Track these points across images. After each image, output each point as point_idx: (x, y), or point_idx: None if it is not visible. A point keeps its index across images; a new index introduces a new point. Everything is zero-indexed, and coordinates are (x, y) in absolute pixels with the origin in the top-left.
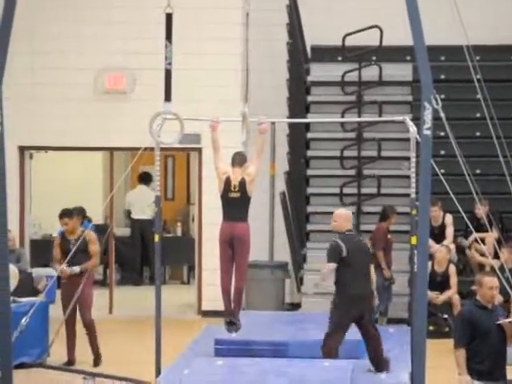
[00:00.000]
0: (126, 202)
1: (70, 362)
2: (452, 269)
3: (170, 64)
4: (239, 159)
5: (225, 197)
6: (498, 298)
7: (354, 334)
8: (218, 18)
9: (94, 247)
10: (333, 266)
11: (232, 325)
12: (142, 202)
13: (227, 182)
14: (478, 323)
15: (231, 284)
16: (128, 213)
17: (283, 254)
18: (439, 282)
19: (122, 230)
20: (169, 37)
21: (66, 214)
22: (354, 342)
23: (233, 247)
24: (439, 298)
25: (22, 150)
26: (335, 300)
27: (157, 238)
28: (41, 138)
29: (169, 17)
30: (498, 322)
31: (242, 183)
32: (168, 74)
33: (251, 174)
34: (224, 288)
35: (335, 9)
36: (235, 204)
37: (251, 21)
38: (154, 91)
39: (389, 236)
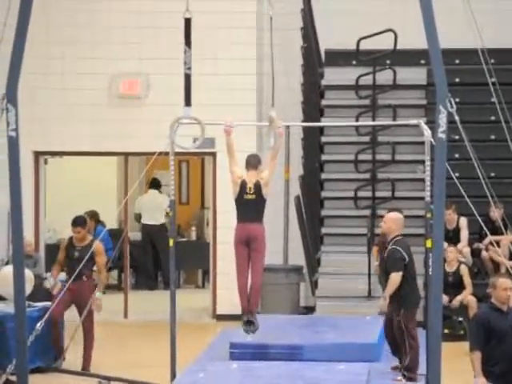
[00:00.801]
0: (136, 206)
1: (85, 366)
2: (464, 269)
3: (189, 69)
4: (253, 162)
5: (240, 199)
6: None
7: (366, 337)
8: (232, 23)
9: (102, 259)
10: (399, 276)
11: (250, 324)
12: (153, 208)
13: (242, 184)
14: (493, 326)
15: (248, 283)
16: (138, 217)
17: (298, 257)
18: (451, 283)
19: (136, 235)
20: (188, 42)
21: (79, 223)
22: (369, 345)
23: (248, 247)
24: (454, 300)
25: (37, 155)
26: (406, 303)
27: (171, 242)
28: (55, 143)
29: (187, 22)
30: None
31: (257, 186)
32: (187, 79)
33: (265, 178)
34: (241, 287)
35: (349, 13)
36: (251, 206)
37: (266, 25)
38: (168, 96)
39: None
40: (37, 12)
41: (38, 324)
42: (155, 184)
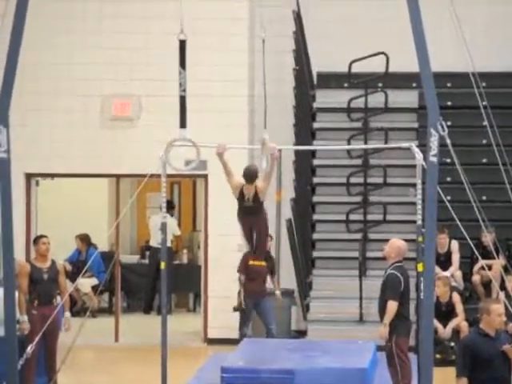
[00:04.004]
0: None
1: None
2: (456, 297)
3: (184, 91)
4: (250, 176)
5: (240, 204)
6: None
7: (358, 362)
8: (225, 44)
9: (64, 279)
10: (395, 305)
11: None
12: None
13: (241, 193)
14: (480, 351)
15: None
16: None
17: (289, 281)
18: (445, 312)
19: (128, 258)
20: (182, 63)
21: (44, 235)
22: (361, 370)
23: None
24: (447, 328)
25: (29, 176)
26: (399, 329)
27: (163, 265)
28: (47, 164)
29: (182, 43)
30: (504, 348)
31: (255, 196)
32: (183, 101)
33: (259, 187)
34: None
35: (341, 35)
36: (250, 209)
37: (258, 47)
38: (160, 118)
39: None
40: (28, 33)
41: (29, 348)
42: (168, 206)
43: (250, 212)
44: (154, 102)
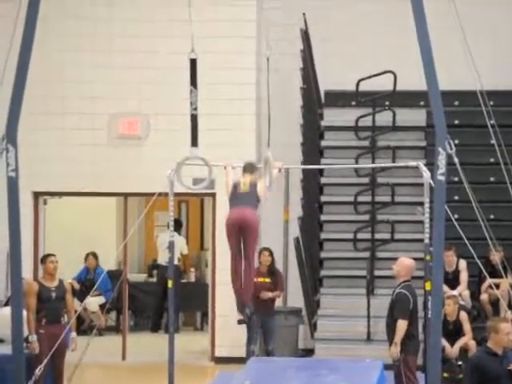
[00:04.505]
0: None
1: None
2: (464, 316)
3: (195, 109)
4: (250, 168)
5: (233, 194)
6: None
7: (365, 380)
8: (232, 63)
9: (71, 298)
10: (405, 324)
11: (242, 322)
12: None
13: (236, 184)
14: (488, 370)
15: (241, 270)
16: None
17: (297, 299)
18: (452, 331)
19: (135, 276)
20: (193, 82)
21: (51, 254)
22: None
23: (241, 233)
24: (454, 347)
25: (37, 195)
26: (408, 348)
27: (170, 283)
28: (55, 183)
29: (193, 62)
30: (510, 368)
31: (253, 183)
32: (194, 119)
33: (260, 186)
34: (235, 271)
35: (349, 53)
36: (244, 197)
37: (265, 65)
38: (168, 136)
39: None
40: (37, 52)
41: (37, 370)
42: (176, 225)
43: (244, 200)
44: (162, 121)
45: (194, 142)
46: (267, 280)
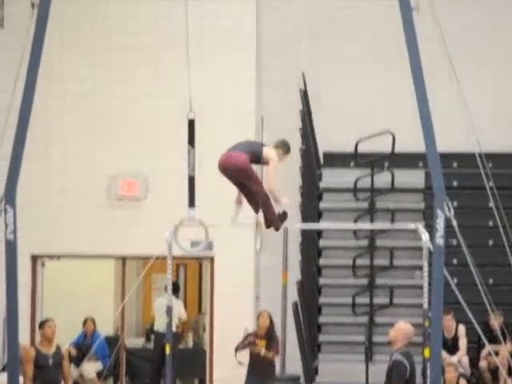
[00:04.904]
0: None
1: None
2: (463, 383)
3: (193, 170)
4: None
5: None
6: None
7: None
8: (231, 124)
9: (68, 364)
10: None
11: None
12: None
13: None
14: None
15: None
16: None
17: (295, 365)
18: None
19: (133, 341)
20: (191, 142)
21: (49, 319)
22: None
23: (236, 178)
24: None
25: (35, 258)
26: None
27: (168, 349)
28: (53, 245)
29: (191, 122)
30: None
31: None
32: (191, 180)
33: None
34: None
35: (348, 114)
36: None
37: (264, 125)
38: (167, 197)
39: None
40: (37, 112)
41: None
42: (174, 288)
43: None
44: (161, 182)
45: (192, 203)
46: (263, 343)
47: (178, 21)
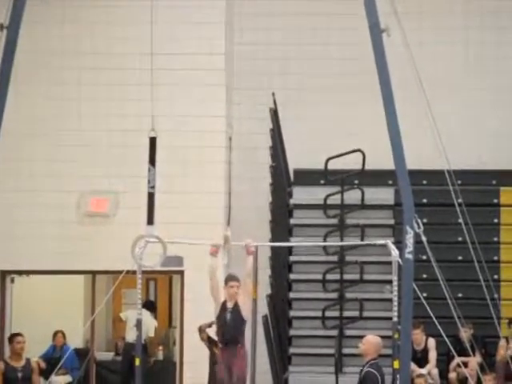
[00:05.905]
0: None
1: None
2: None
3: (153, 187)
4: (231, 277)
5: (219, 318)
6: None
7: None
8: (202, 142)
9: (38, 377)
10: None
11: None
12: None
13: (223, 305)
14: None
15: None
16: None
17: (265, 378)
18: None
19: (103, 354)
20: (152, 161)
21: (19, 334)
22: None
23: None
24: None
25: (4, 274)
26: None
27: (137, 361)
28: (22, 261)
29: (152, 141)
30: None
31: (236, 308)
32: (151, 198)
33: (242, 302)
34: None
35: (318, 132)
36: (231, 325)
37: (234, 144)
38: (136, 214)
39: None
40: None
41: None
42: (148, 305)
43: (229, 330)
44: (131, 199)
45: (150, 220)
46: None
47: (147, 45)
